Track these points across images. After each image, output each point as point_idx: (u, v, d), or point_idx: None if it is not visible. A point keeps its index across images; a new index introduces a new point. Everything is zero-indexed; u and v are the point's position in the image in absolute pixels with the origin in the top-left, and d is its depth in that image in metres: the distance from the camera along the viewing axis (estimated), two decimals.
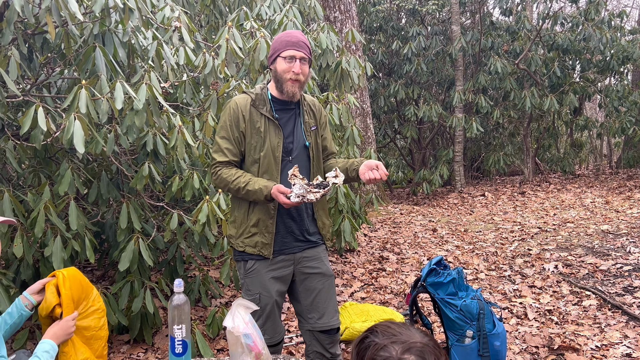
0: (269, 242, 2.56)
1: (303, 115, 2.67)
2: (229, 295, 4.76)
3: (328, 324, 2.68)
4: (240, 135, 2.55)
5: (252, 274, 2.59)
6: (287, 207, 2.48)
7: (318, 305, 2.68)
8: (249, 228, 2.57)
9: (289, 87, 2.53)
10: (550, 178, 12.18)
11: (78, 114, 2.84)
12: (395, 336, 1.36)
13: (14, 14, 2.84)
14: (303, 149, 2.65)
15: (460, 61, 11.34)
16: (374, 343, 1.36)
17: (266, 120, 2.56)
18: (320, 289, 2.69)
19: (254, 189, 2.44)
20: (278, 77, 2.55)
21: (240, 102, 2.57)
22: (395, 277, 5.38)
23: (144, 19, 3.34)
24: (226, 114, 2.57)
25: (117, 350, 3.74)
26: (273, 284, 2.59)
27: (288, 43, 2.52)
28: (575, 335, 3.82)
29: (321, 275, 2.69)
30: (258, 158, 2.54)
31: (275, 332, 2.65)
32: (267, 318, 2.60)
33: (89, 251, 3.29)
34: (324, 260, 2.73)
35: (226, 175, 2.51)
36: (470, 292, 3.32)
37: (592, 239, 6.25)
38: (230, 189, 2.52)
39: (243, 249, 2.58)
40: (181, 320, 2.02)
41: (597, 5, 10.77)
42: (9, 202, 3.07)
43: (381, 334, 1.37)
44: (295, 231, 2.63)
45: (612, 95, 11.39)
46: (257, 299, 2.56)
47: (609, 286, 4.71)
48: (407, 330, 1.39)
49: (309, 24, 5.68)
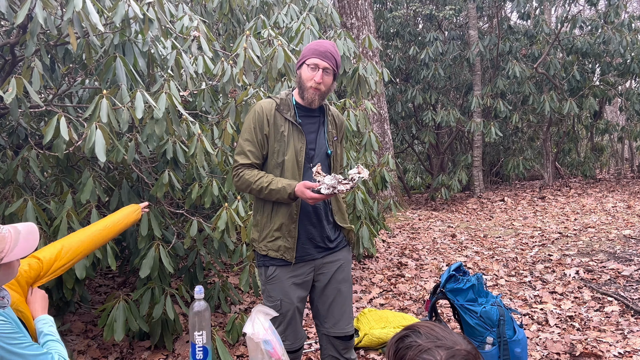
0: (291, 247, 2.57)
1: (327, 124, 2.70)
2: (248, 302, 4.78)
3: (343, 330, 2.70)
4: (264, 138, 2.57)
5: (273, 281, 2.59)
6: (313, 203, 2.48)
7: (334, 312, 2.70)
8: (272, 232, 2.57)
9: (309, 95, 2.56)
10: (570, 182, 12.05)
11: (99, 123, 2.88)
12: (439, 340, 1.32)
13: (37, 26, 2.90)
14: (325, 157, 2.67)
15: (478, 66, 11.29)
16: (416, 344, 1.32)
17: (290, 125, 2.58)
18: (336, 295, 2.70)
19: (277, 187, 2.46)
20: (301, 83, 2.58)
21: (266, 106, 2.59)
22: (414, 284, 5.36)
23: (163, 29, 3.38)
24: (250, 117, 2.59)
25: (138, 357, 3.77)
26: (294, 290, 2.60)
27: (315, 51, 2.55)
28: (597, 342, 3.77)
29: (339, 282, 2.70)
30: (281, 162, 2.56)
31: (296, 338, 2.66)
32: (288, 324, 2.61)
33: (110, 258, 3.32)
34: (344, 267, 2.74)
35: (248, 177, 2.53)
36: (490, 298, 3.29)
37: (613, 244, 6.16)
38: (253, 189, 2.53)
39: (266, 253, 2.59)
40: (202, 327, 2.04)
41: (617, 8, 10.65)
42: (32, 210, 3.12)
43: (424, 336, 1.33)
44: (315, 238, 2.63)
45: (633, 99, 11.25)
46: (278, 305, 2.57)
47: (631, 292, 4.64)
48: (451, 335, 1.34)
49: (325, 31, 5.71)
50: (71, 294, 3.60)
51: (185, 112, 3.40)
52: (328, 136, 2.69)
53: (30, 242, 1.85)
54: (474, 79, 11.43)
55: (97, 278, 5.36)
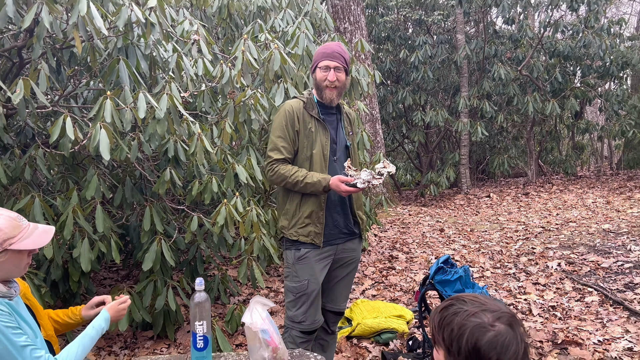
0: (320, 232, 2.66)
1: (343, 120, 2.84)
2: (247, 293, 4.78)
3: (338, 307, 2.89)
4: (295, 134, 2.66)
5: (303, 261, 2.67)
6: (346, 195, 2.62)
7: (335, 290, 2.86)
8: (302, 219, 2.66)
9: (327, 94, 2.69)
10: (552, 179, 12.09)
11: (103, 123, 2.87)
12: (484, 305, 1.36)
13: (44, 29, 2.88)
14: (344, 150, 2.81)
15: (465, 68, 11.30)
16: (463, 310, 1.35)
17: (315, 122, 2.70)
18: (343, 277, 2.87)
19: (313, 181, 2.57)
20: (318, 85, 2.71)
21: (295, 105, 2.70)
22: (404, 276, 5.37)
23: (164, 32, 3.37)
24: (281, 116, 2.68)
25: (141, 346, 3.76)
26: (320, 271, 2.70)
27: (324, 54, 2.67)
28: (578, 330, 3.79)
29: (349, 266, 2.86)
30: (310, 155, 2.67)
31: (315, 318, 2.73)
32: (311, 304, 2.69)
33: (114, 252, 3.32)
34: (357, 254, 2.89)
35: (284, 171, 2.61)
36: (476, 289, 3.31)
37: (593, 238, 6.19)
38: (288, 182, 2.61)
39: (297, 238, 2.67)
40: (202, 317, 2.04)
41: (597, 13, 10.68)
42: (40, 207, 3.11)
43: (469, 303, 1.37)
44: (340, 224, 2.75)
45: (612, 100, 11.30)
46: (304, 285, 2.66)
47: (610, 283, 4.67)
48: (494, 301, 1.38)
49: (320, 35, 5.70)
50: (77, 286, 3.60)
51: (186, 113, 3.39)
52: (345, 131, 2.83)
53: (42, 238, 1.87)
54: (461, 81, 11.45)
55: (102, 271, 5.35)
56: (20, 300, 1.99)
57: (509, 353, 1.28)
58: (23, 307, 1.98)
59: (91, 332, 1.98)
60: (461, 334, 1.32)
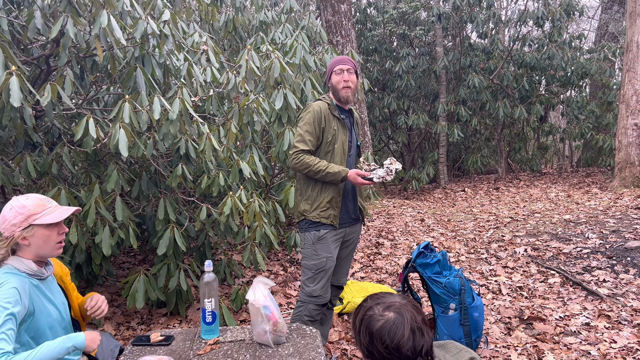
0: (337, 215, 2.75)
1: (354, 122, 2.94)
2: (250, 276, 4.78)
3: (340, 282, 3.00)
4: (320, 131, 2.73)
5: (323, 241, 2.74)
6: (359, 187, 2.79)
7: (338, 267, 2.95)
8: (324, 203, 2.73)
9: (344, 93, 2.77)
10: (520, 176, 12.14)
11: (122, 124, 2.86)
12: (379, 299, 1.46)
13: (69, 40, 2.87)
14: (355, 148, 2.93)
15: (443, 77, 11.31)
16: (364, 306, 1.47)
17: (337, 121, 2.77)
18: (346, 255, 2.97)
19: (334, 171, 2.65)
20: (335, 87, 2.79)
21: (322, 105, 2.77)
22: (389, 260, 5.39)
23: (177, 43, 3.36)
24: (310, 114, 2.74)
25: (156, 322, 3.76)
26: (335, 250, 2.78)
27: (337, 61, 2.80)
28: (542, 308, 3.81)
29: (352, 246, 2.96)
30: (331, 149, 2.74)
31: (328, 292, 2.81)
32: (327, 280, 2.77)
33: (132, 238, 3.31)
34: (359, 234, 3.01)
35: (308, 160, 2.67)
36: (453, 271, 3.32)
37: (556, 227, 6.23)
38: (311, 170, 2.67)
39: (318, 220, 2.73)
40: (211, 295, 2.04)
41: (560, 29, 10.71)
42: (65, 198, 3.10)
43: (370, 300, 1.48)
44: (350, 210, 2.85)
45: (573, 105, 11.35)
46: (323, 262, 2.73)
47: (570, 266, 4.70)
48: (391, 296, 1.48)
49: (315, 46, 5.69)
50: (99, 269, 3.59)
51: (196, 115, 3.38)
52: (356, 131, 2.93)
53: (63, 213, 1.86)
54: (440, 88, 11.46)
55: (121, 256, 5.34)
56: (53, 281, 1.97)
57: (397, 335, 1.35)
58: (55, 288, 1.96)
59: (54, 347, 1.65)
60: (360, 326, 1.43)
